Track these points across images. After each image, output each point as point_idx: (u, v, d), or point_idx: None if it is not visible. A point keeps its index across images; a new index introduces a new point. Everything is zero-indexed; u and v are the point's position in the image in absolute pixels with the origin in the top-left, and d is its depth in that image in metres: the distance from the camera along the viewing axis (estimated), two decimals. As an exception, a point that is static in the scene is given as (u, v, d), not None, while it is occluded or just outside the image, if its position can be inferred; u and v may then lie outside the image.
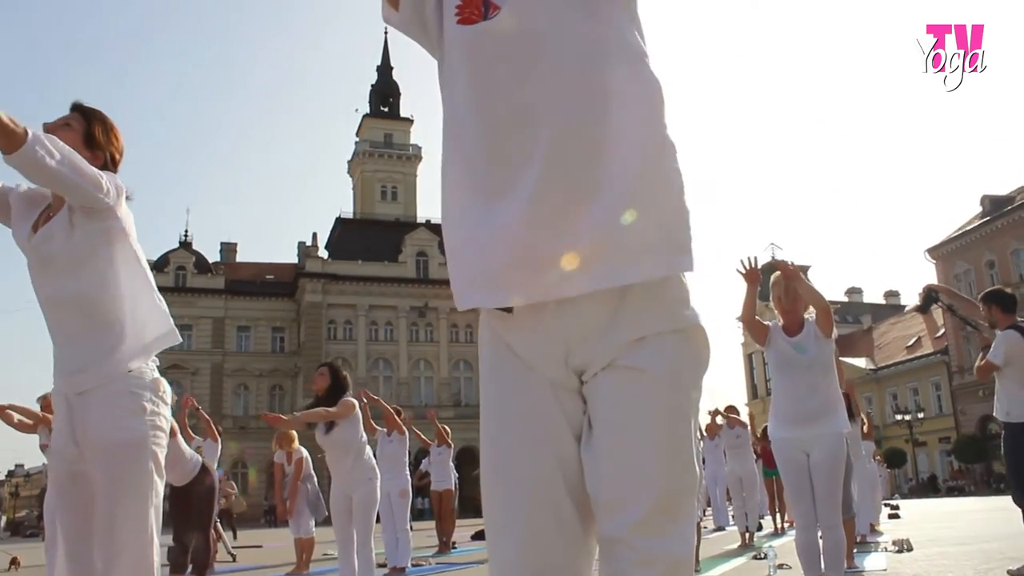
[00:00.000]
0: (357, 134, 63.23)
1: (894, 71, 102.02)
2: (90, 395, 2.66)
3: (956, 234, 47.16)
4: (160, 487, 2.71)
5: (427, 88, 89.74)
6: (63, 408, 2.71)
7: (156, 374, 2.79)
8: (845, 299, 64.69)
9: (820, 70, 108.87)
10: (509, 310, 1.49)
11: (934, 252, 48.30)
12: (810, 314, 4.76)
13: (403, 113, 64.50)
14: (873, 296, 66.71)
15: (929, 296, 6.37)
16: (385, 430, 9.75)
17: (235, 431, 46.56)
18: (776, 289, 4.80)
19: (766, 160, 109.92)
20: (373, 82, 65.09)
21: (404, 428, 9.75)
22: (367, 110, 63.79)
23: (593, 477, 1.44)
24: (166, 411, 2.78)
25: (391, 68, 65.43)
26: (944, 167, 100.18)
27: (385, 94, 64.39)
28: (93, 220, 2.67)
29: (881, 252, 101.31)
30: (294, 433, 9.42)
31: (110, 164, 2.82)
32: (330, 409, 5.94)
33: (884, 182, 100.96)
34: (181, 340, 2.99)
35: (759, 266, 4.85)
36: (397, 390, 48.40)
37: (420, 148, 62.62)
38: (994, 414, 5.98)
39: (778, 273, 4.81)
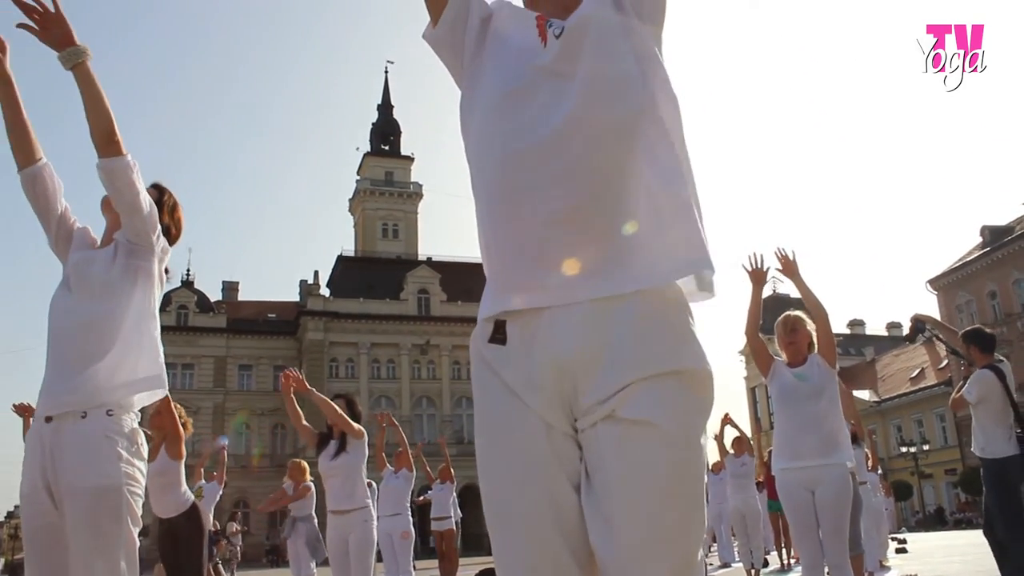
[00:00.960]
0: (358, 172, 63.50)
1: (893, 89, 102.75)
2: (66, 437, 2.63)
3: (957, 265, 47.18)
4: (134, 537, 2.68)
5: (428, 126, 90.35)
6: (37, 451, 2.67)
7: (135, 425, 2.77)
8: (847, 331, 64.54)
9: (817, 81, 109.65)
10: (503, 341, 1.51)
11: (935, 283, 48.28)
12: (814, 351, 4.73)
13: (404, 151, 64.82)
14: (876, 328, 66.63)
15: (916, 326, 6.43)
16: (392, 467, 9.73)
17: (237, 470, 46.30)
18: (779, 328, 4.80)
19: (763, 191, 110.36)
20: (374, 120, 65.52)
21: (413, 465, 9.75)
22: (368, 148, 64.10)
23: (601, 538, 1.42)
24: (141, 464, 2.75)
25: (392, 106, 65.91)
26: (943, 197, 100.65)
27: (386, 132, 64.76)
28: (131, 257, 2.84)
29: (882, 284, 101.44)
30: (306, 465, 9.41)
31: (164, 235, 3.01)
32: (348, 420, 5.93)
33: (884, 213, 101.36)
34: (167, 390, 2.97)
35: (765, 268, 4.85)
36: (390, 428, 47.96)
37: (421, 186, 62.90)
38: (972, 449, 6.09)
39: (785, 315, 4.82)
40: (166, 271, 3.01)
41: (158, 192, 3.10)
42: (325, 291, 53.91)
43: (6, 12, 2.70)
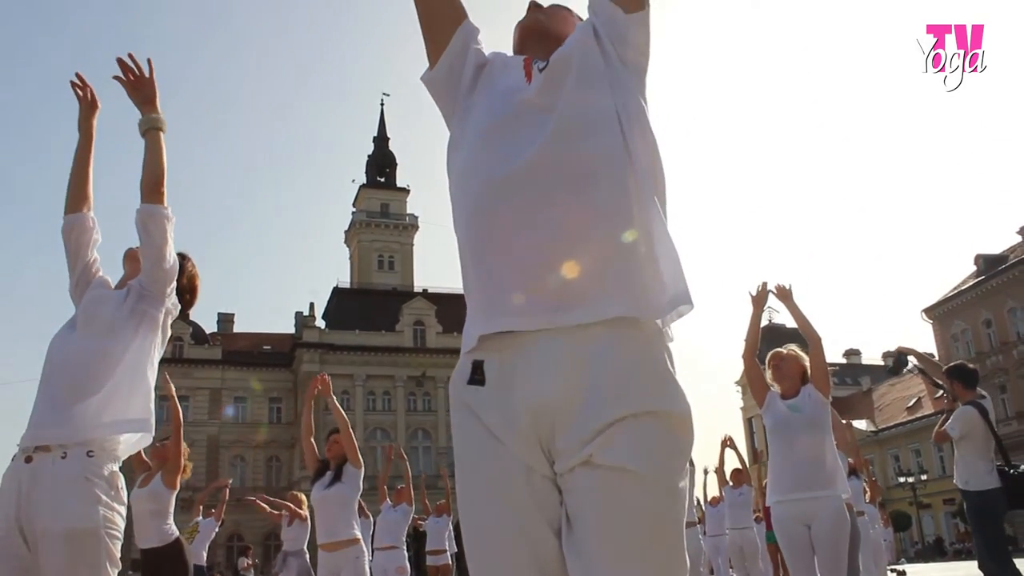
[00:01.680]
0: (354, 204, 63.67)
1: (886, 117, 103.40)
2: (43, 478, 2.59)
3: (952, 294, 47.25)
4: None
5: (424, 158, 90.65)
6: (13, 491, 2.62)
7: (116, 468, 2.74)
8: (843, 361, 64.53)
9: (811, 97, 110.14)
10: (481, 383, 1.51)
11: (930, 312, 48.33)
12: (808, 382, 4.71)
13: (400, 183, 65.04)
14: (872, 358, 66.56)
15: (899, 359, 6.47)
16: (391, 501, 9.70)
17: (231, 503, 45.80)
18: (771, 360, 4.81)
19: (756, 219, 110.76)
20: (369, 152, 65.76)
21: (412, 500, 9.72)
22: (364, 180, 64.25)
23: None
24: (121, 508, 2.71)
25: (387, 139, 66.18)
26: (937, 225, 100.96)
27: (381, 164, 64.96)
28: (140, 302, 2.90)
29: (878, 313, 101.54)
30: (304, 498, 9.35)
31: (179, 298, 3.11)
32: (355, 446, 5.97)
33: (879, 241, 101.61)
34: (153, 436, 2.95)
35: (767, 289, 4.88)
36: (395, 460, 47.79)
37: (417, 217, 62.99)
38: (954, 482, 6.19)
39: (777, 350, 4.83)
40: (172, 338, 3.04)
41: (182, 258, 3.19)
42: (321, 323, 53.87)
43: (102, 69, 3.01)
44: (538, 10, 1.87)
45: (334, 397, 6.07)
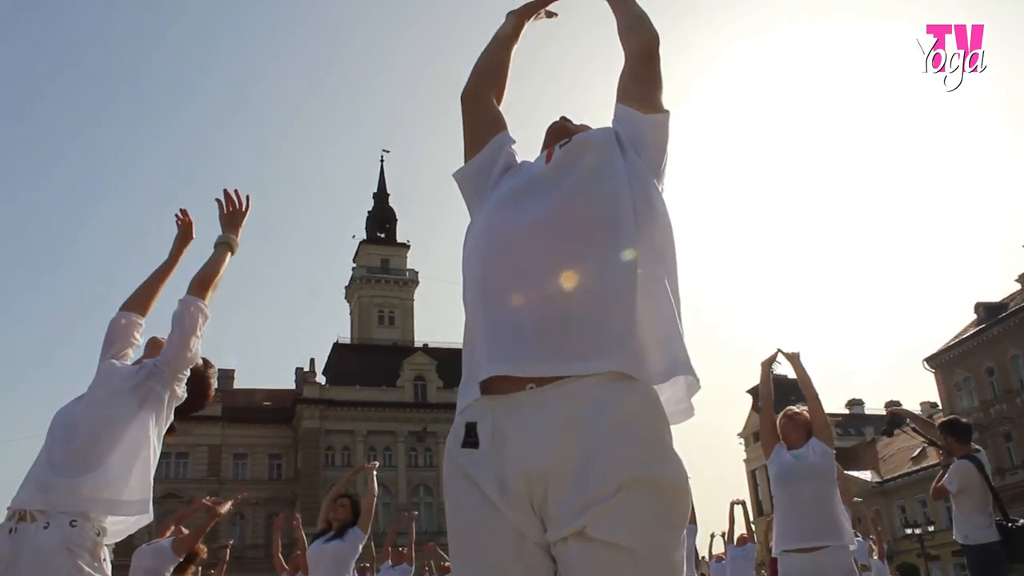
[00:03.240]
0: (354, 260, 63.80)
1: (880, 157, 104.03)
2: (24, 548, 2.57)
3: (953, 342, 47.12)
4: None
5: (424, 214, 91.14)
6: None
7: (99, 539, 2.70)
8: (846, 411, 64.13)
9: (809, 121, 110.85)
10: (475, 445, 1.52)
11: (932, 361, 48.17)
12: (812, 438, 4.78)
13: (400, 239, 65.25)
14: (875, 407, 66.17)
15: (892, 420, 6.48)
16: (391, 561, 9.64)
17: (231, 561, 45.34)
18: (780, 418, 4.91)
19: (757, 270, 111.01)
20: (370, 208, 66.09)
21: (413, 561, 9.68)
22: (364, 236, 64.50)
23: None
24: None
25: (387, 194, 66.55)
26: (936, 273, 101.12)
27: (381, 220, 65.25)
28: (150, 378, 2.93)
29: (880, 362, 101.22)
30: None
31: (189, 392, 3.14)
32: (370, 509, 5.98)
33: (878, 293, 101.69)
34: (152, 518, 2.93)
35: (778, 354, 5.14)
36: (397, 516, 47.32)
37: (417, 273, 63.08)
38: (954, 536, 6.20)
39: (789, 408, 4.96)
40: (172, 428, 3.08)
41: (205, 364, 3.28)
42: (321, 378, 53.66)
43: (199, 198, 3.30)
44: (565, 119, 2.02)
45: (375, 478, 6.15)
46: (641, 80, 1.88)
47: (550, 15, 2.22)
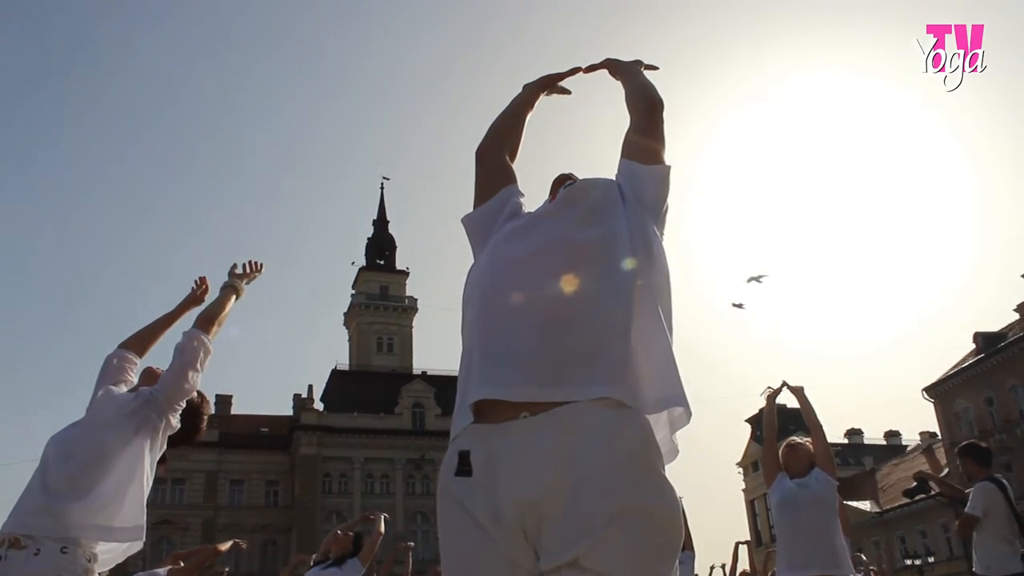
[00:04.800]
0: (353, 287, 63.88)
1: (879, 183, 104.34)
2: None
3: (952, 372, 47.10)
4: None
5: (423, 241, 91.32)
6: None
7: (89, 565, 2.68)
8: (845, 441, 63.96)
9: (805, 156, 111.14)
10: (468, 473, 1.52)
11: (931, 391, 48.11)
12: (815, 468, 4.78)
13: (399, 266, 65.40)
14: (874, 437, 66.04)
15: (919, 485, 6.35)
16: None
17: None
18: (783, 448, 4.91)
19: (755, 298, 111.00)
20: (369, 235, 66.28)
21: None
22: (363, 263, 64.63)
23: None
24: None
25: (387, 222, 66.80)
26: (934, 303, 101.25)
27: (381, 247, 65.43)
28: (145, 407, 2.94)
29: (879, 392, 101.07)
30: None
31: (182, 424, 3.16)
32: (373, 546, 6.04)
33: (876, 322, 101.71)
34: (142, 540, 2.90)
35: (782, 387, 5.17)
36: (394, 545, 47.06)
37: (416, 300, 63.14)
38: (973, 569, 5.84)
39: (792, 438, 4.95)
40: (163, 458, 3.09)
41: (200, 398, 3.33)
42: (319, 405, 53.56)
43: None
44: (570, 173, 2.09)
45: (383, 522, 6.15)
46: (643, 134, 1.96)
47: (563, 91, 2.32)
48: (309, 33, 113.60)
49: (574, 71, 2.24)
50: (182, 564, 5.57)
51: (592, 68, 2.23)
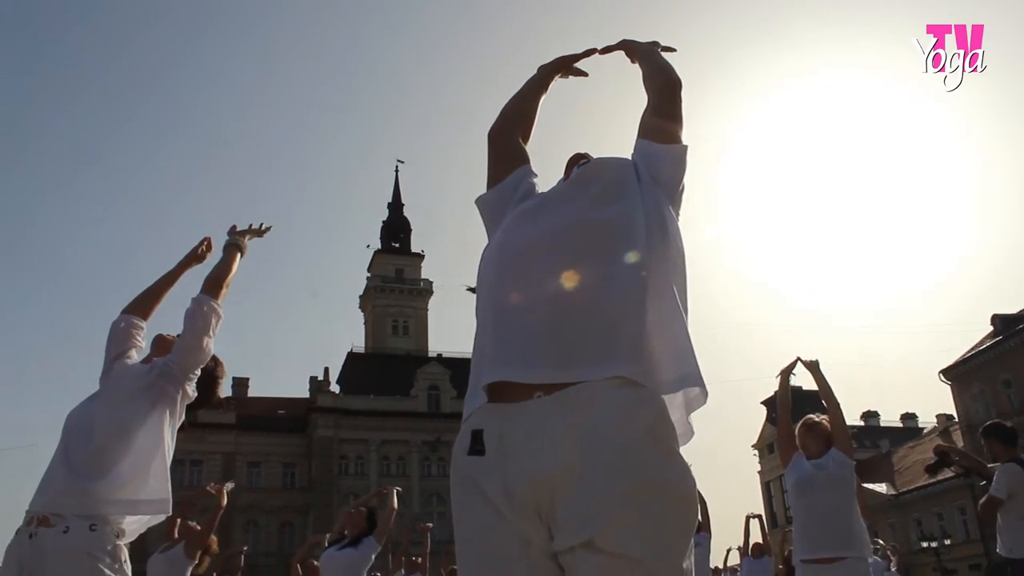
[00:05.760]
0: (368, 270, 64.00)
1: (899, 170, 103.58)
2: (45, 555, 2.59)
3: (969, 355, 46.83)
4: None
5: (438, 224, 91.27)
6: (14, 568, 2.63)
7: (118, 542, 2.72)
8: (861, 423, 63.72)
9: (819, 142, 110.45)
10: (481, 452, 1.53)
11: (948, 373, 47.86)
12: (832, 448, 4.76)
13: (414, 248, 65.47)
14: (890, 419, 65.81)
15: (940, 459, 6.27)
16: (404, 570, 9.67)
17: (244, 569, 45.36)
18: (800, 428, 4.88)
19: (772, 282, 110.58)
20: (384, 218, 66.31)
21: (428, 570, 9.73)
22: (378, 246, 64.70)
23: None
24: None
25: (402, 204, 66.79)
26: (952, 285, 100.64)
27: (396, 230, 65.46)
28: (161, 378, 2.94)
29: (895, 374, 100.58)
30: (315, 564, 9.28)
31: (200, 394, 3.19)
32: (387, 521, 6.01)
33: (893, 304, 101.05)
34: (169, 513, 2.95)
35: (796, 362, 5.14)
36: (412, 526, 47.29)
37: (431, 283, 63.23)
38: (997, 550, 5.78)
39: (810, 416, 4.92)
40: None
41: (214, 362, 3.30)
42: (335, 387, 53.78)
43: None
44: (585, 152, 2.06)
45: (396, 497, 6.18)
46: (660, 113, 1.94)
47: (579, 73, 2.29)
48: (325, 14, 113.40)
49: (589, 52, 2.21)
50: (193, 527, 5.58)
51: (608, 49, 2.19)
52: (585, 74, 2.30)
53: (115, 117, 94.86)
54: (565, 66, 2.23)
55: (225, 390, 3.46)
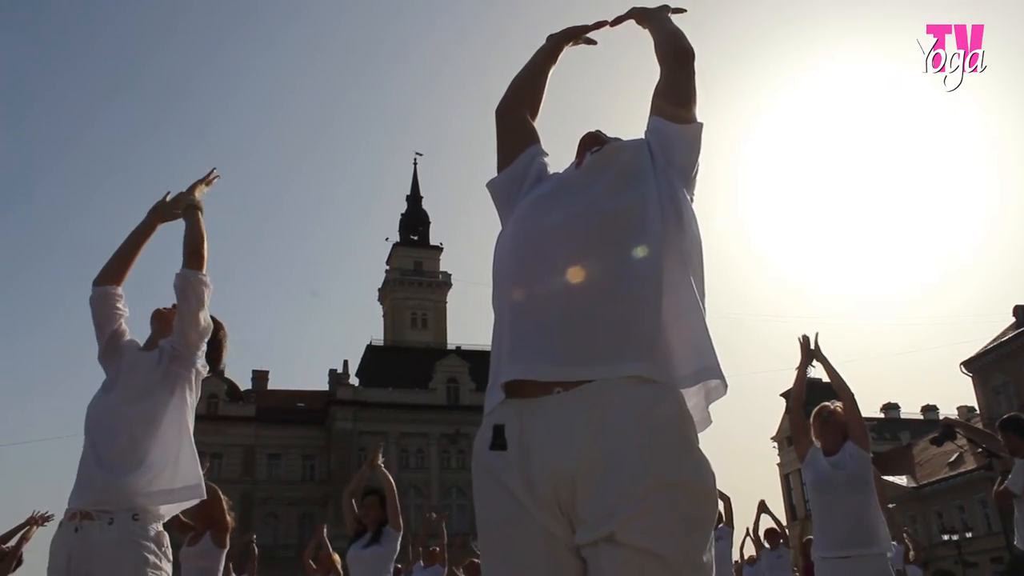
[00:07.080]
0: (387, 262, 64.10)
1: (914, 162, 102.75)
2: (92, 545, 2.66)
3: (991, 346, 46.44)
4: None
5: (457, 216, 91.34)
6: (63, 560, 2.70)
7: (160, 528, 2.81)
8: (881, 415, 63.41)
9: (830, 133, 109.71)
10: (503, 447, 1.53)
11: (970, 365, 47.47)
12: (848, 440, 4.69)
13: (433, 241, 65.55)
14: (910, 411, 65.40)
15: (945, 432, 6.21)
16: (423, 562, 9.68)
17: (263, 560, 45.58)
18: (814, 419, 4.81)
19: (792, 273, 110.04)
20: (403, 211, 66.40)
21: (446, 562, 9.73)
22: (397, 239, 64.80)
23: None
24: (167, 567, 2.79)
25: (420, 197, 66.87)
26: (973, 276, 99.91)
27: (414, 223, 65.55)
28: (173, 364, 2.97)
29: (915, 366, 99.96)
30: (337, 558, 9.30)
31: (208, 360, 3.21)
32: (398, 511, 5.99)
33: (914, 296, 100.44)
34: (204, 497, 3.02)
35: (813, 346, 4.93)
36: (426, 518, 47.31)
37: (450, 275, 63.32)
38: (1016, 543, 5.80)
39: (825, 404, 4.84)
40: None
41: (215, 324, 3.28)
42: (354, 380, 53.97)
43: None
44: (599, 131, 2.02)
45: (381, 462, 6.18)
46: (674, 91, 1.88)
47: (589, 42, 2.24)
48: (342, 9, 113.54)
49: (600, 24, 2.15)
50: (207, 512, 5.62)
51: (619, 20, 2.14)
52: (594, 42, 2.24)
53: (150, 122, 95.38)
54: (575, 36, 2.18)
55: (244, 381, 3.47)
